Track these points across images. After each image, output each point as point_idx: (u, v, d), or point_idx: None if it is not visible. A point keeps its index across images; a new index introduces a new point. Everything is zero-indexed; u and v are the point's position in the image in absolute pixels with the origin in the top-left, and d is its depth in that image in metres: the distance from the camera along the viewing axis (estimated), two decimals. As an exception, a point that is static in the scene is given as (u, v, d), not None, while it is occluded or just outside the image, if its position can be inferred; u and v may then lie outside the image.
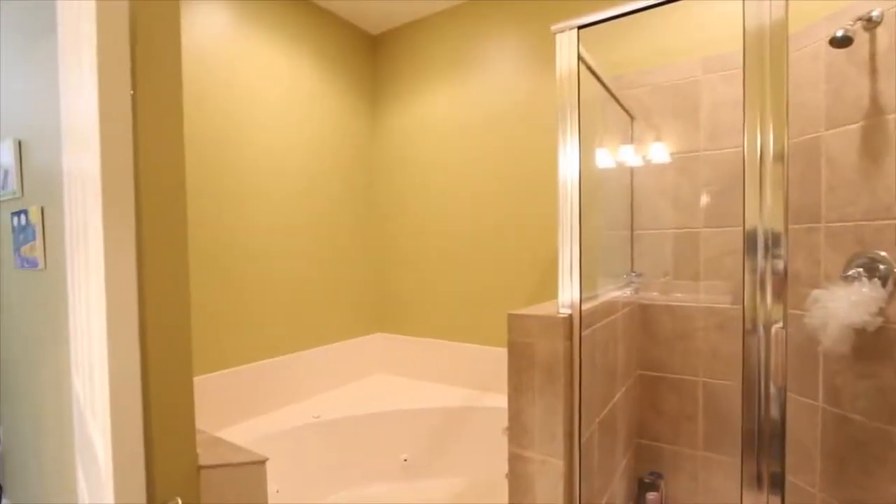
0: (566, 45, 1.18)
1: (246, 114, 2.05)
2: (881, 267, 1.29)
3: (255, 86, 2.09)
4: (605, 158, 1.78)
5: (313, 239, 2.37)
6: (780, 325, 0.98)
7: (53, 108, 1.31)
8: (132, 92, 0.63)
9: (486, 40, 2.31)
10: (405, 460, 2.17)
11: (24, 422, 1.76)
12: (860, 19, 1.27)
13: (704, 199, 1.77)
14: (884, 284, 1.26)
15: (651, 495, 1.81)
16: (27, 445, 1.74)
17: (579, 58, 1.17)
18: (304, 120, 2.31)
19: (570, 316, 1.19)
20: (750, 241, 0.99)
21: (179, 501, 0.76)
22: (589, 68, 1.27)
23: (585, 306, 1.23)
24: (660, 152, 1.83)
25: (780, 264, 0.95)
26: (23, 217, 1.55)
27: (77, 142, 0.81)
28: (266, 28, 2.13)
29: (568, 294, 1.21)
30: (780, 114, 0.92)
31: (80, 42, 0.66)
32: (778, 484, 0.99)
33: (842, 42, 1.27)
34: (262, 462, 1.09)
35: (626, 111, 1.81)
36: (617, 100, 1.68)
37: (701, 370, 1.80)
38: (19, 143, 1.60)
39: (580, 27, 1.16)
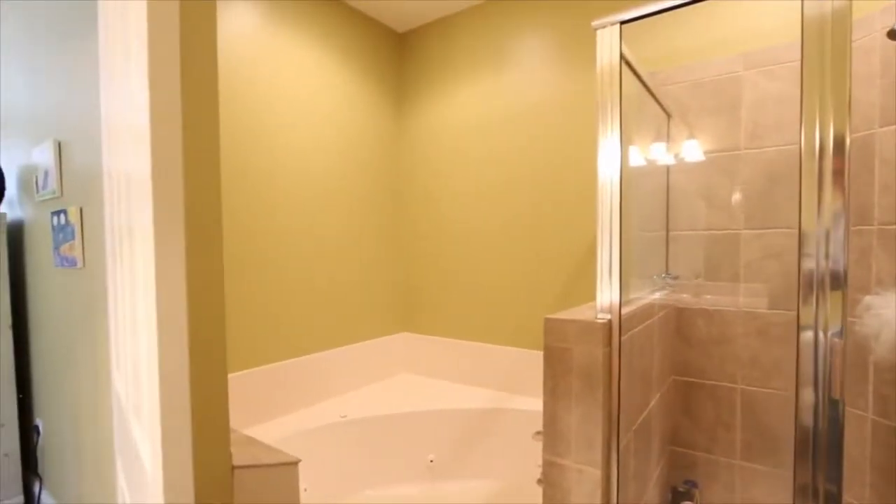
0: (607, 41, 1.14)
1: (272, 113, 2.06)
2: (942, 272, 1.22)
3: (281, 84, 2.09)
4: (640, 157, 1.73)
5: (339, 238, 2.37)
6: (837, 333, 0.92)
7: (93, 109, 1.33)
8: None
9: (512, 38, 2.28)
10: (431, 461, 2.16)
11: (62, 420, 1.80)
12: (921, 10, 1.20)
13: (745, 200, 1.70)
14: (945, 291, 1.19)
15: (685, 505, 1.76)
16: (65, 441, 1.78)
17: (622, 55, 1.13)
18: (330, 119, 2.31)
19: (609, 321, 1.16)
20: (805, 242, 0.93)
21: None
22: (629, 65, 1.23)
23: (624, 310, 1.19)
24: (697, 151, 1.77)
25: (840, 267, 0.90)
26: (62, 216, 1.59)
27: (121, 143, 0.81)
28: (292, 26, 2.13)
29: (607, 297, 1.18)
30: (841, 107, 0.87)
31: (129, 42, 0.65)
32: (833, 501, 0.94)
33: (901, 34, 1.20)
34: (295, 463, 1.09)
35: (663, 108, 1.75)
36: (654, 97, 1.62)
37: (739, 377, 1.74)
38: (59, 144, 1.63)
39: (622, 22, 1.12)
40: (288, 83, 2.12)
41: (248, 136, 1.97)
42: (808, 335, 0.95)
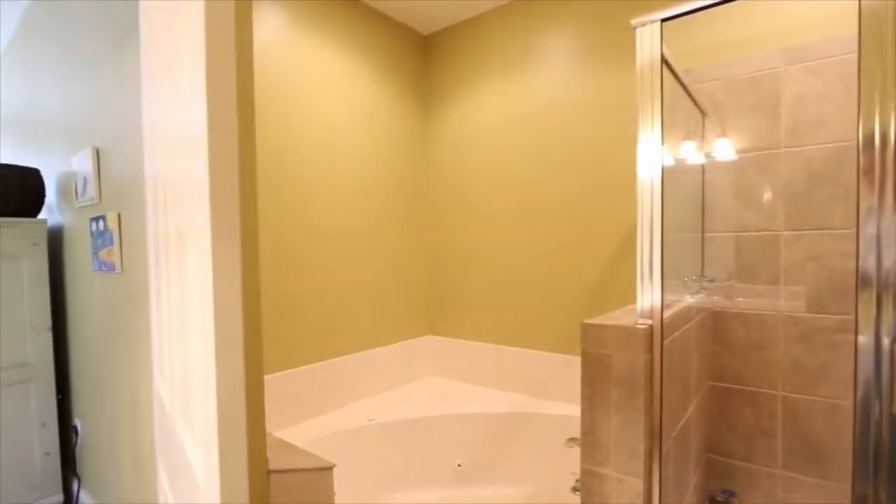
0: (647, 40, 1.11)
1: (297, 116, 2.05)
2: None
3: (305, 87, 2.09)
4: (675, 157, 1.69)
5: (364, 241, 2.38)
6: (898, 339, 0.87)
7: (132, 116, 1.35)
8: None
9: (539, 38, 2.25)
10: (459, 465, 2.14)
11: (100, 421, 1.84)
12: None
13: (786, 200, 1.65)
14: None
15: (724, 515, 1.71)
16: (103, 442, 1.81)
17: (663, 55, 1.10)
18: (354, 122, 2.32)
19: (651, 326, 1.13)
20: (864, 241, 0.88)
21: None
22: (667, 63, 1.20)
23: (664, 315, 1.15)
24: (734, 150, 1.72)
25: (901, 272, 0.85)
26: (101, 222, 1.62)
27: (167, 149, 0.82)
28: (315, 29, 2.13)
29: (647, 301, 1.14)
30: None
31: (179, 47, 0.66)
32: (895, 517, 0.88)
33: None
34: (330, 468, 1.08)
35: (699, 106, 1.71)
36: (690, 95, 1.58)
37: (780, 383, 1.68)
38: (97, 152, 1.67)
39: (663, 20, 1.09)
40: (311, 86, 2.11)
41: (274, 140, 1.97)
42: (866, 341, 0.90)
